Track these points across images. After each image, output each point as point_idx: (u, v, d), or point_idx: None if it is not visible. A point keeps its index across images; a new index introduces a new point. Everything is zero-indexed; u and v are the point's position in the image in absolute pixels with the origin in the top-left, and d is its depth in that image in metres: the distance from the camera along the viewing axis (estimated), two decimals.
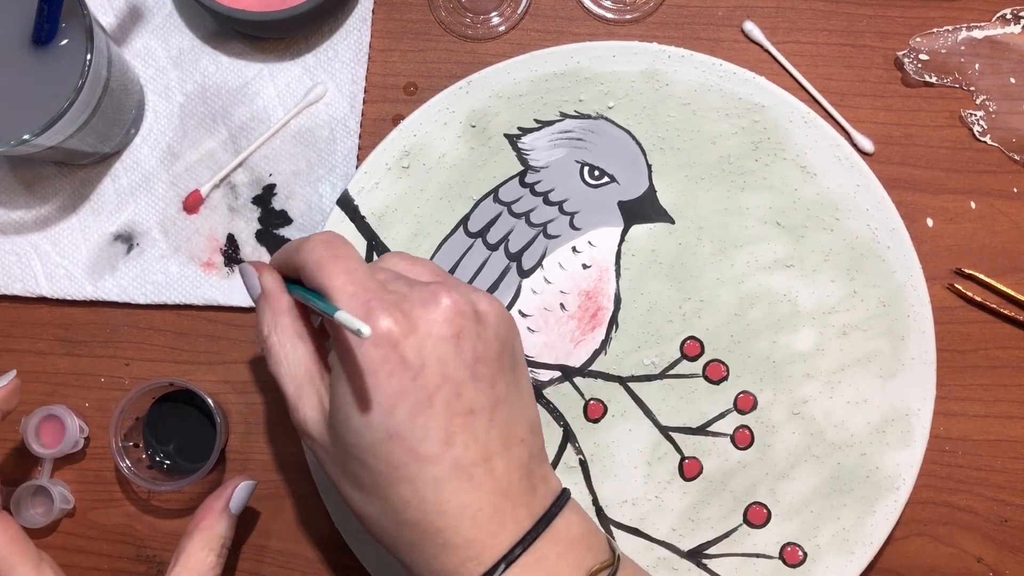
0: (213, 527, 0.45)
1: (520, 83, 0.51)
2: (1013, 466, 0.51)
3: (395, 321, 0.35)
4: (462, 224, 0.51)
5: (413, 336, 0.35)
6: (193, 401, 0.52)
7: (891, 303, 0.50)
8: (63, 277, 0.53)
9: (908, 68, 0.53)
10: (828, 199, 0.51)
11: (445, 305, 0.36)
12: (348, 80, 0.54)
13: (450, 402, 0.36)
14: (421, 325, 0.36)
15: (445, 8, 0.55)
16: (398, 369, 0.35)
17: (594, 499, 0.50)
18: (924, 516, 0.51)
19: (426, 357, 0.35)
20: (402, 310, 0.36)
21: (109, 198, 0.54)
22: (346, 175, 0.54)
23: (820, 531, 0.49)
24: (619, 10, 0.54)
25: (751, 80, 0.50)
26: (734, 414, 0.50)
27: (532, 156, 0.51)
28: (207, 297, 0.53)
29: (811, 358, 0.50)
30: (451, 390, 0.36)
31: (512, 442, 0.38)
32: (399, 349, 0.35)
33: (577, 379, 0.51)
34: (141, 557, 0.52)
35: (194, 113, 0.54)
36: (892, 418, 0.49)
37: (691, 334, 0.51)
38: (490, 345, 0.37)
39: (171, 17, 0.55)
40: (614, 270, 0.51)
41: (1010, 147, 0.53)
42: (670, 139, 0.51)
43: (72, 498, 0.52)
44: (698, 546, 0.50)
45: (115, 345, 0.53)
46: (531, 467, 0.38)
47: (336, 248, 0.38)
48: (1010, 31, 0.53)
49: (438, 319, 0.36)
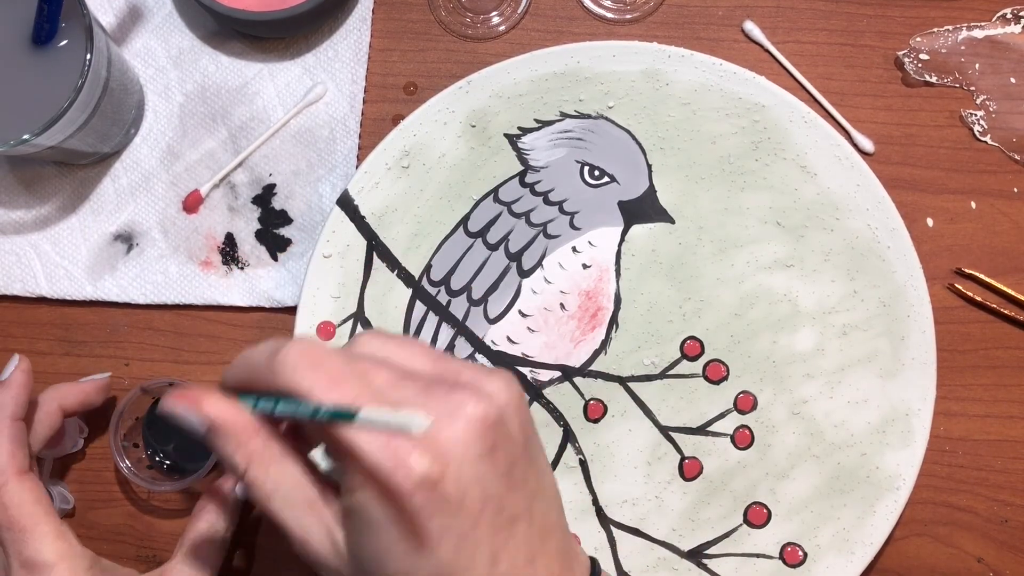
0: (222, 505, 0.46)
1: (520, 83, 0.51)
2: (1013, 466, 0.51)
3: (431, 459, 0.31)
4: (462, 224, 0.51)
5: (450, 469, 0.31)
6: None
7: (891, 303, 0.50)
8: (63, 277, 0.53)
9: (908, 68, 0.53)
10: (828, 199, 0.51)
11: (473, 417, 0.32)
12: (348, 80, 0.54)
13: (494, 521, 0.32)
14: (454, 451, 0.31)
15: (445, 8, 0.55)
16: (440, 508, 0.31)
17: (594, 499, 0.50)
18: (924, 516, 0.51)
19: (465, 485, 0.31)
20: (429, 437, 0.31)
21: (109, 198, 0.54)
22: (346, 175, 0.54)
23: (820, 531, 0.49)
24: (619, 10, 0.54)
25: (751, 80, 0.50)
26: (734, 414, 0.50)
27: (532, 156, 0.51)
28: (206, 297, 0.53)
29: (811, 358, 0.50)
30: (493, 508, 0.32)
31: (549, 534, 0.35)
32: (439, 489, 0.31)
33: (577, 379, 0.51)
34: (141, 557, 0.52)
35: (194, 113, 0.54)
36: (892, 418, 0.49)
37: (691, 334, 0.51)
38: (517, 442, 0.33)
39: (171, 17, 0.55)
40: (614, 270, 0.51)
41: (1010, 147, 0.53)
42: (670, 139, 0.51)
43: (72, 498, 0.52)
44: (698, 546, 0.50)
45: (115, 345, 0.53)
46: (565, 550, 0.35)
47: (319, 360, 0.32)
48: (1010, 31, 0.53)
49: (471, 439, 0.31)
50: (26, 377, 0.46)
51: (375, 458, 0.30)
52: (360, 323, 0.51)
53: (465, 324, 0.51)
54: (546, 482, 0.35)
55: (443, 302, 0.51)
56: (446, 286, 0.51)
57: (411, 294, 0.51)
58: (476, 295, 0.51)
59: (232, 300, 0.53)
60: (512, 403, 0.33)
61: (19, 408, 0.45)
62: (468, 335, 0.51)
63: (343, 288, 0.51)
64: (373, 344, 0.34)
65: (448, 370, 0.34)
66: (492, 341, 0.51)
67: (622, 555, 0.50)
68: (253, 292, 0.53)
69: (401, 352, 0.34)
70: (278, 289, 0.53)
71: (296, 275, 0.53)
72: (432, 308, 0.51)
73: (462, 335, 0.51)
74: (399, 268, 0.51)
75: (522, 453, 0.33)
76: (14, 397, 0.45)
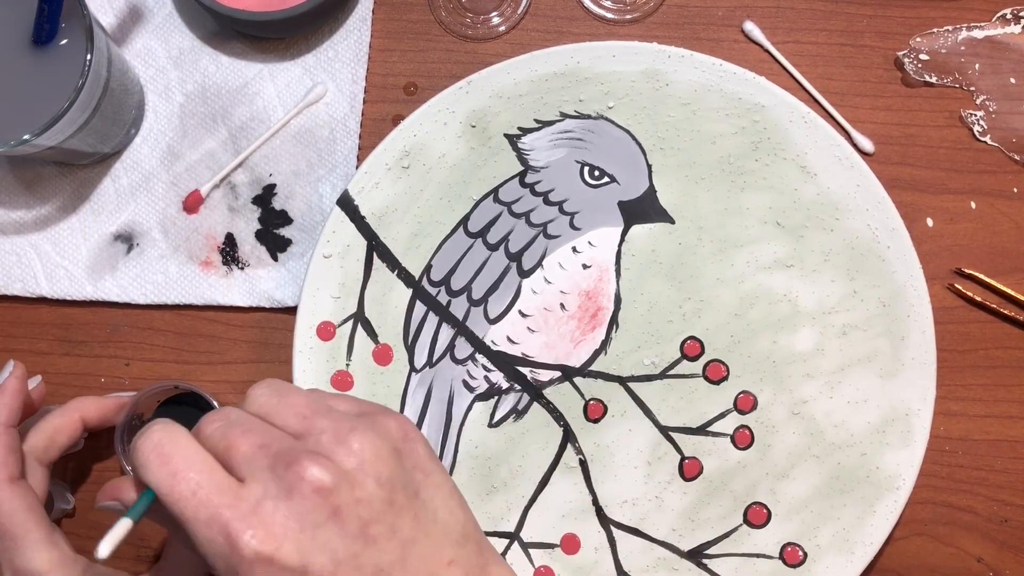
0: None
1: (520, 83, 0.51)
2: (1013, 466, 0.51)
3: (261, 539, 0.31)
4: (462, 224, 0.51)
5: (287, 543, 0.32)
6: (197, 403, 0.51)
7: (891, 303, 0.50)
8: (63, 277, 0.53)
9: (908, 68, 0.53)
10: (828, 199, 0.51)
11: (307, 492, 0.32)
12: (348, 80, 0.54)
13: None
14: (287, 526, 0.32)
15: (445, 8, 0.55)
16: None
17: (594, 499, 0.50)
18: (924, 516, 0.51)
19: (307, 554, 0.32)
20: (262, 518, 0.32)
21: (109, 198, 0.54)
22: (346, 175, 0.54)
23: (820, 531, 0.49)
24: (619, 10, 0.54)
25: (751, 80, 0.50)
26: (734, 414, 0.50)
27: (532, 156, 0.51)
28: (206, 297, 0.53)
29: (811, 358, 0.50)
30: (349, 568, 0.32)
31: (441, 571, 0.34)
32: (277, 562, 0.31)
33: (577, 379, 0.51)
34: (141, 557, 0.52)
35: (194, 113, 0.54)
36: (892, 418, 0.49)
37: (691, 334, 0.51)
38: (375, 498, 0.33)
39: (171, 17, 0.55)
40: (614, 270, 0.51)
41: (1010, 147, 0.53)
42: (670, 139, 0.51)
43: (72, 498, 0.52)
44: (698, 546, 0.50)
45: (115, 345, 0.53)
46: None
47: (169, 447, 0.33)
48: (1010, 31, 0.53)
49: (305, 512, 0.32)
50: (20, 384, 0.45)
51: (208, 537, 0.32)
52: (360, 323, 0.51)
53: (465, 324, 0.51)
54: (432, 521, 0.35)
55: (443, 302, 0.51)
56: (446, 286, 0.51)
57: (411, 294, 0.51)
58: (476, 295, 0.51)
59: (232, 300, 0.53)
60: (368, 461, 0.33)
61: (12, 415, 0.44)
62: (468, 335, 0.51)
63: (343, 288, 0.51)
64: (259, 400, 0.36)
65: (312, 429, 0.34)
66: (492, 341, 0.51)
67: (622, 555, 0.50)
68: (253, 292, 0.53)
69: (280, 411, 0.35)
70: (278, 289, 0.53)
71: (296, 275, 0.53)
72: (432, 308, 0.51)
73: (462, 335, 0.51)
74: (399, 268, 0.51)
75: (386, 506, 0.33)
76: (7, 404, 0.44)
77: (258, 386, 0.36)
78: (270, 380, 0.37)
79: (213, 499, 0.32)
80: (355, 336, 0.51)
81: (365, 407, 0.36)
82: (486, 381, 0.51)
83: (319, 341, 0.50)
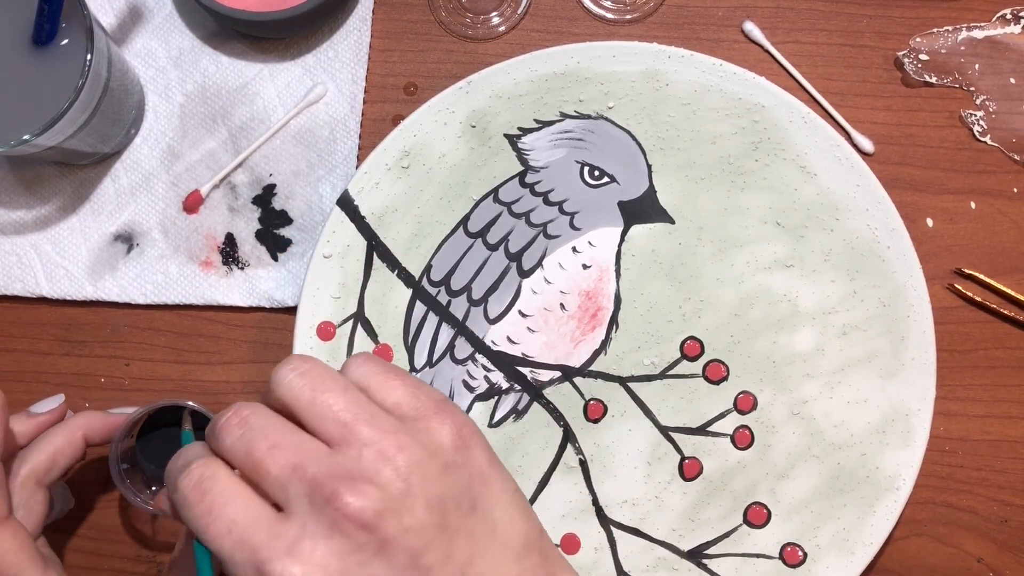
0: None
1: (520, 83, 0.51)
2: (1013, 466, 0.51)
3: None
4: (462, 224, 0.51)
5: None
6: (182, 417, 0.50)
7: (891, 303, 0.50)
8: (63, 277, 0.53)
9: (908, 68, 0.53)
10: (828, 199, 0.51)
11: (352, 527, 0.29)
12: (348, 80, 0.54)
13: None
14: (332, 566, 0.29)
15: (445, 8, 0.55)
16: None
17: (594, 499, 0.50)
18: (924, 516, 0.51)
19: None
20: (299, 558, 0.29)
21: (109, 198, 0.54)
22: (346, 175, 0.54)
23: (820, 531, 0.49)
24: (619, 10, 0.54)
25: (751, 80, 0.50)
26: (734, 414, 0.50)
27: (532, 156, 0.51)
28: (206, 297, 0.53)
29: (811, 358, 0.50)
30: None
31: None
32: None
33: (577, 379, 0.51)
34: (141, 557, 0.52)
35: (194, 113, 0.54)
36: (892, 418, 0.49)
37: (691, 334, 0.51)
38: (425, 524, 0.30)
39: (171, 17, 0.55)
40: (614, 270, 0.51)
41: (1010, 147, 0.53)
42: (670, 139, 0.51)
43: (72, 498, 0.52)
44: (698, 546, 0.50)
45: (115, 345, 0.53)
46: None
47: (208, 482, 0.30)
48: (1010, 31, 0.53)
49: (350, 548, 0.29)
50: (2, 413, 0.43)
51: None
52: (360, 323, 0.51)
53: (465, 324, 0.51)
54: (492, 533, 0.32)
55: (443, 302, 0.51)
56: (446, 286, 0.51)
57: (411, 294, 0.51)
58: (476, 295, 0.51)
59: (232, 300, 0.53)
60: (416, 484, 0.30)
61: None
62: (468, 335, 0.51)
63: (343, 288, 0.51)
64: (289, 390, 0.32)
65: (352, 440, 0.30)
66: (492, 341, 0.51)
67: (622, 555, 0.50)
68: (253, 292, 0.53)
69: (313, 412, 0.31)
70: (278, 289, 0.53)
71: (296, 275, 0.53)
72: (432, 308, 0.51)
73: (462, 335, 0.51)
74: (399, 268, 0.51)
75: (435, 533, 0.30)
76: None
77: (287, 370, 0.32)
78: (299, 360, 0.32)
79: (249, 538, 0.29)
80: (355, 336, 0.51)
81: (420, 401, 0.33)
82: (486, 381, 0.51)
83: (319, 341, 0.50)
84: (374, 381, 0.33)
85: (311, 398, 0.31)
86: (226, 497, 0.30)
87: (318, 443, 0.31)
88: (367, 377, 0.33)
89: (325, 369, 0.32)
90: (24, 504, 0.44)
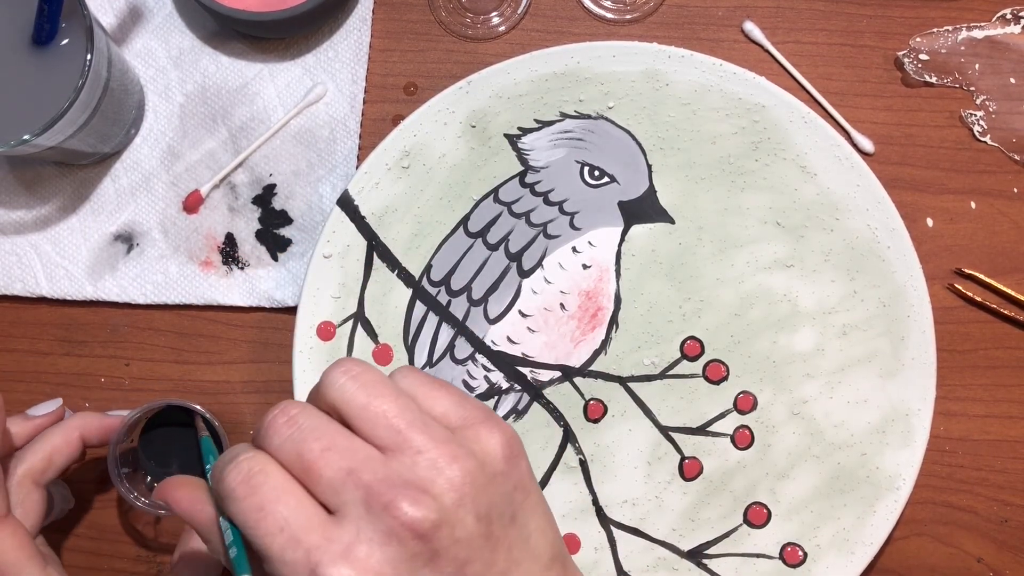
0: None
1: (520, 83, 0.51)
2: (1013, 466, 0.51)
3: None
4: (462, 224, 0.51)
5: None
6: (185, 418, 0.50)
7: (891, 303, 0.50)
8: (63, 277, 0.53)
9: (908, 68, 0.53)
10: (828, 199, 0.51)
11: (408, 536, 0.29)
12: (348, 80, 0.54)
13: None
14: (386, 572, 0.29)
15: (445, 8, 0.55)
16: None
17: (594, 499, 0.50)
18: (924, 516, 0.51)
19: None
20: (354, 563, 0.29)
21: (109, 198, 0.54)
22: (346, 175, 0.54)
23: (820, 531, 0.49)
24: (619, 10, 0.54)
25: (751, 80, 0.50)
26: (734, 414, 0.50)
27: (532, 156, 0.51)
28: (207, 297, 0.53)
29: (811, 358, 0.50)
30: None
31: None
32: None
33: (577, 379, 0.51)
34: (141, 557, 0.52)
35: (194, 113, 0.54)
36: (892, 418, 0.49)
37: (691, 334, 0.51)
38: (473, 535, 0.30)
39: (171, 17, 0.55)
40: (614, 270, 0.51)
41: (1010, 147, 0.53)
42: (670, 139, 0.51)
43: (72, 498, 0.52)
44: (698, 546, 0.50)
45: (115, 345, 0.53)
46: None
47: (259, 477, 0.30)
48: (1010, 31, 0.53)
49: (404, 557, 0.29)
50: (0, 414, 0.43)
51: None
52: (360, 323, 0.51)
53: (465, 324, 0.51)
54: (526, 545, 0.32)
55: (443, 302, 0.51)
56: (446, 286, 0.51)
57: (411, 294, 0.51)
58: (476, 295, 0.51)
59: (232, 300, 0.53)
60: (468, 495, 0.30)
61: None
62: (468, 335, 0.51)
63: (343, 288, 0.51)
64: (341, 393, 0.31)
65: (405, 448, 0.30)
66: (492, 341, 0.51)
67: (622, 555, 0.50)
68: (253, 292, 0.53)
69: (366, 418, 0.31)
70: (278, 289, 0.53)
71: (296, 275, 0.53)
72: (432, 308, 0.51)
73: (462, 335, 0.51)
74: (399, 268, 0.51)
75: (481, 543, 0.30)
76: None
77: (339, 372, 0.31)
78: (352, 363, 0.32)
79: (302, 538, 0.29)
80: (355, 336, 0.51)
81: (468, 411, 0.33)
82: (486, 381, 0.51)
83: (319, 341, 0.50)
84: (420, 391, 0.33)
85: (365, 403, 0.31)
86: (278, 494, 0.29)
87: (371, 448, 0.30)
88: (414, 387, 0.33)
89: (378, 374, 0.32)
90: (21, 503, 0.44)
